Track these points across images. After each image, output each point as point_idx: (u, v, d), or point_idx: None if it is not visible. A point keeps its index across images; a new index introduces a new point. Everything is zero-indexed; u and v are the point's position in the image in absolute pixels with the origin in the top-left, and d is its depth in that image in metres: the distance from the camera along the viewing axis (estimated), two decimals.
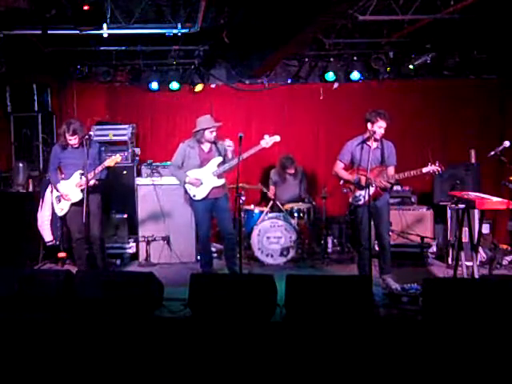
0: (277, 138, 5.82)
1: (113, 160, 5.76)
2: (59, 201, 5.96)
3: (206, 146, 6.03)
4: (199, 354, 3.91)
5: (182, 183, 6.02)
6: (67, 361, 3.84)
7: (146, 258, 7.11)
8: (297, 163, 7.60)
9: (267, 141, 5.79)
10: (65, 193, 5.85)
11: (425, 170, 5.36)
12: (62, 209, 5.95)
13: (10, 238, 6.44)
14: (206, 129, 5.89)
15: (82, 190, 5.70)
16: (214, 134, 5.95)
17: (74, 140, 5.77)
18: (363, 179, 5.52)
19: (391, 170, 5.60)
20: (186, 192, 6.07)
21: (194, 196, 5.98)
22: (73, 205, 5.85)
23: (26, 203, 6.99)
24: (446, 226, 6.90)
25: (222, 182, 5.93)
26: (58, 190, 5.95)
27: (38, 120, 7.61)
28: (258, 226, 6.90)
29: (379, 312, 4.90)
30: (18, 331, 4.33)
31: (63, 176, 5.96)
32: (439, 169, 5.33)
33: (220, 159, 5.94)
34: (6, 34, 6.29)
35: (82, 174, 5.68)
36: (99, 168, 5.71)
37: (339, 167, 5.78)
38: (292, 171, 7.56)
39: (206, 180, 5.93)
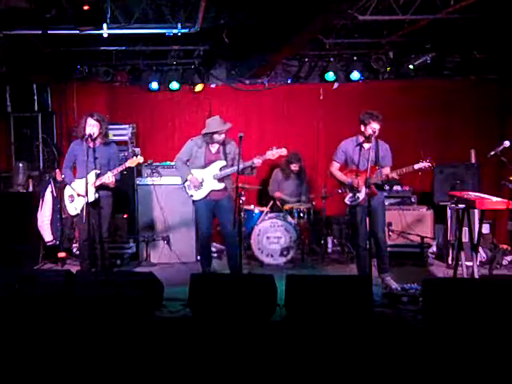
0: (283, 151, 5.77)
1: (134, 161, 5.67)
2: (72, 200, 5.79)
3: (214, 147, 5.98)
4: (199, 354, 3.92)
5: (183, 180, 5.99)
6: (67, 361, 3.84)
7: (146, 258, 7.12)
8: (302, 163, 7.60)
9: (273, 152, 5.74)
10: (80, 192, 5.64)
11: (416, 166, 5.39)
12: (75, 208, 5.77)
13: (10, 238, 6.44)
14: (215, 133, 5.84)
15: (97, 190, 5.62)
16: (223, 135, 5.89)
17: (94, 128, 5.58)
18: (355, 182, 5.55)
19: (386, 170, 5.61)
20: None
21: (192, 196, 5.97)
22: (87, 205, 5.55)
23: (26, 203, 6.99)
24: (446, 226, 6.89)
25: (221, 185, 5.83)
26: (72, 189, 5.77)
27: (38, 120, 7.61)
28: (258, 226, 6.90)
29: (379, 312, 4.90)
30: (18, 331, 4.34)
31: (76, 175, 5.80)
32: (430, 164, 5.36)
33: (223, 163, 5.88)
34: (5, 34, 6.28)
35: (99, 174, 5.60)
36: (120, 168, 5.62)
37: (335, 167, 5.83)
38: (296, 168, 7.53)
39: (206, 182, 5.90)
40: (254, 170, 5.95)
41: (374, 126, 5.46)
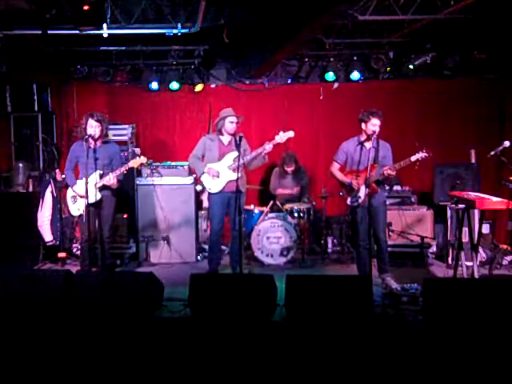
0: (291, 134, 5.82)
1: (137, 161, 5.73)
2: (75, 201, 5.80)
3: (225, 139, 6.07)
4: (199, 354, 3.92)
5: (200, 174, 6.08)
6: (67, 361, 3.84)
7: (146, 258, 7.12)
8: (299, 163, 7.57)
9: (281, 136, 5.80)
10: (81, 194, 5.59)
11: (413, 158, 5.39)
12: (78, 209, 5.77)
13: (10, 238, 6.44)
14: (226, 117, 5.95)
15: (100, 190, 5.64)
16: (235, 125, 5.99)
17: (96, 128, 5.59)
18: (355, 183, 5.55)
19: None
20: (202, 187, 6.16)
21: (210, 189, 6.05)
22: (89, 206, 5.53)
23: (26, 203, 6.99)
24: (446, 225, 6.89)
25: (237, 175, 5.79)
26: (74, 191, 5.78)
27: (38, 120, 7.60)
28: (258, 226, 6.90)
29: (379, 312, 4.90)
30: (18, 331, 4.33)
31: (79, 175, 5.78)
32: (426, 154, 5.36)
33: (236, 154, 5.85)
34: (5, 34, 6.28)
35: (102, 175, 5.62)
36: (122, 169, 5.64)
37: (335, 168, 5.84)
38: (291, 169, 7.52)
39: (222, 173, 5.98)
40: (266, 157, 6.05)
41: (374, 122, 5.46)
